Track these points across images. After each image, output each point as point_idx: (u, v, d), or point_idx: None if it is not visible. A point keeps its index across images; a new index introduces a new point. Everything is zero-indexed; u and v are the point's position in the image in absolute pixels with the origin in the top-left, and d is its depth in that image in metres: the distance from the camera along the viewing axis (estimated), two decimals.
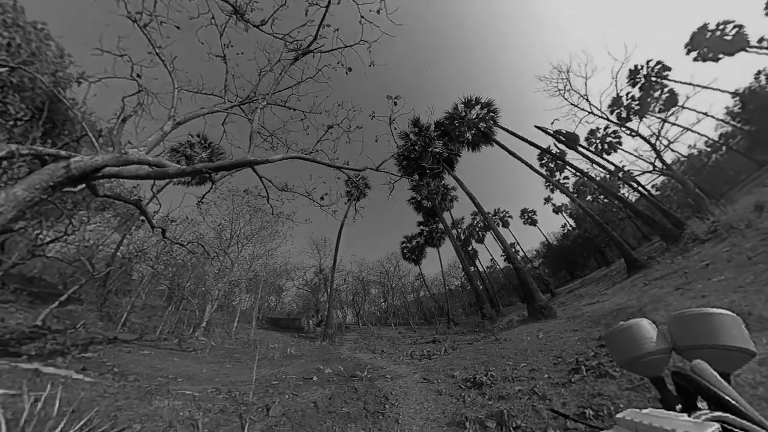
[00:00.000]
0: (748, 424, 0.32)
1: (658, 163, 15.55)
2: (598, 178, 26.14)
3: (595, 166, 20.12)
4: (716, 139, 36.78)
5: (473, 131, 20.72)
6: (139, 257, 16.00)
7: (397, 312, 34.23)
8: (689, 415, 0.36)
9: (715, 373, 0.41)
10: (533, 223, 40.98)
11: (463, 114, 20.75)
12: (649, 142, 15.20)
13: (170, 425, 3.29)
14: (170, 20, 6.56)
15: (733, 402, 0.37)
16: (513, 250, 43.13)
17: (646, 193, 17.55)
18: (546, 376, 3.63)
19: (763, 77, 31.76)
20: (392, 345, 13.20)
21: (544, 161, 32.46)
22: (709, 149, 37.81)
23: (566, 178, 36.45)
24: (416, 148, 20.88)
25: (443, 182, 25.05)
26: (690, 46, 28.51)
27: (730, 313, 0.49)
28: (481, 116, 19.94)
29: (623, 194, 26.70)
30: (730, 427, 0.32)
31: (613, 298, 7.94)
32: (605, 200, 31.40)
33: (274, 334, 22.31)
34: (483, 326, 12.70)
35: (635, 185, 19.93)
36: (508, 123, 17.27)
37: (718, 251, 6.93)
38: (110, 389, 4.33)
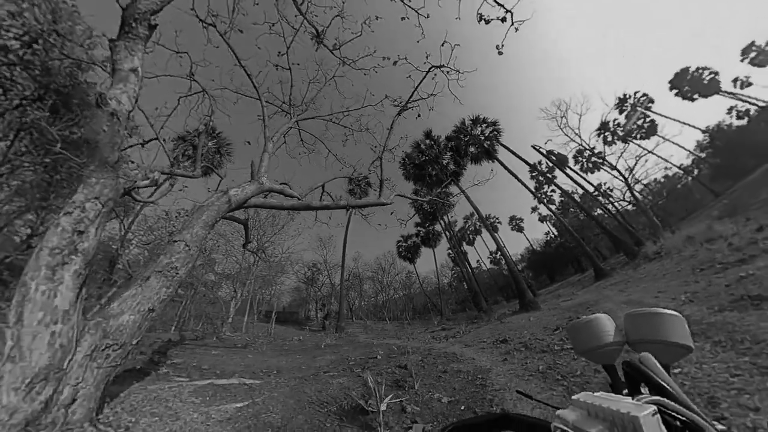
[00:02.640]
0: (679, 407, 0.40)
1: (631, 192, 19.33)
2: (579, 197, 30.26)
3: (578, 188, 23.90)
4: (689, 164, 42.00)
5: (476, 146, 23.92)
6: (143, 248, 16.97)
7: (390, 307, 37.47)
8: (633, 398, 0.43)
9: (658, 365, 0.50)
10: (520, 230, 45.35)
11: (470, 129, 23.87)
12: (623, 176, 18.97)
13: (365, 385, 4.27)
14: (236, 25, 7.54)
15: (670, 389, 0.45)
16: (499, 254, 47.21)
17: (617, 213, 21.57)
18: (541, 336, 6.79)
19: (734, 112, 37.05)
20: (408, 333, 16.31)
21: (534, 174, 36.45)
22: (683, 173, 42.95)
23: (553, 190, 40.63)
24: (426, 157, 23.92)
25: (443, 189, 28.21)
26: (672, 84, 33.00)
27: (675, 313, 0.59)
28: (486, 134, 23.15)
29: (602, 212, 30.97)
30: (664, 409, 0.40)
31: (581, 297, 11.42)
32: (584, 217, 35.66)
33: (278, 327, 23.31)
34: (480, 318, 16.05)
35: (610, 206, 24.02)
36: (504, 124, 20.29)
37: (653, 268, 10.46)
38: (285, 385, 5.35)
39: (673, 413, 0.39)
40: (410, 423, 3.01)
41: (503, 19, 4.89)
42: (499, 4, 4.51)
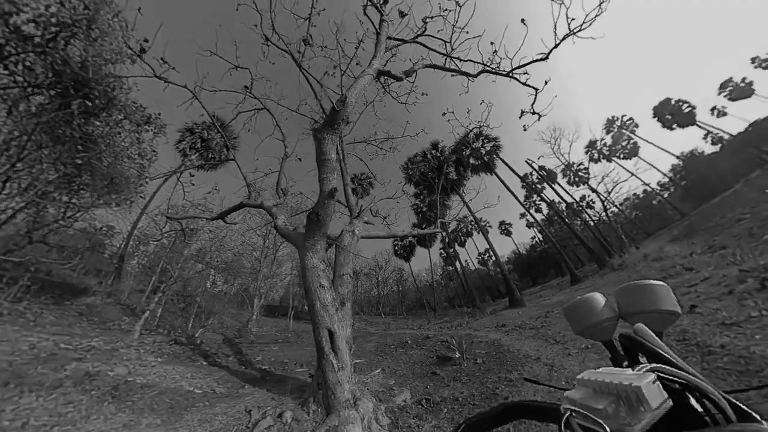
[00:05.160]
0: (676, 371, 0.43)
1: (606, 213, 23.15)
2: (565, 209, 34.21)
3: (563, 202, 27.64)
4: (666, 181, 46.85)
5: (477, 158, 27.09)
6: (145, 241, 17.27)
7: (383, 303, 40.73)
8: (633, 369, 0.46)
9: (652, 333, 0.53)
10: (509, 234, 49.43)
11: (472, 142, 27.01)
12: (601, 199, 22.70)
13: (431, 350, 8.20)
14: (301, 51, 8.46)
15: (666, 355, 0.48)
16: (487, 255, 51.16)
17: (594, 227, 25.47)
18: (528, 321, 10.03)
19: (710, 138, 41.85)
20: (412, 325, 19.43)
21: (524, 185, 40.32)
22: (660, 188, 47.52)
23: (542, 200, 44.73)
24: (432, 166, 26.97)
25: (444, 196, 31.35)
26: (655, 112, 37.33)
27: (661, 282, 0.64)
28: (487, 149, 26.37)
29: (582, 223, 35.12)
30: (663, 375, 0.43)
31: (557, 297, 14.89)
32: (566, 228, 39.98)
33: (282, 322, 23.77)
34: (474, 312, 19.42)
35: (591, 219, 27.91)
36: (499, 131, 22.99)
37: (613, 278, 13.97)
38: (383, 359, 7.61)
39: (671, 377, 0.43)
40: (473, 362, 5.97)
41: (533, 112, 7.72)
42: (534, 110, 7.41)
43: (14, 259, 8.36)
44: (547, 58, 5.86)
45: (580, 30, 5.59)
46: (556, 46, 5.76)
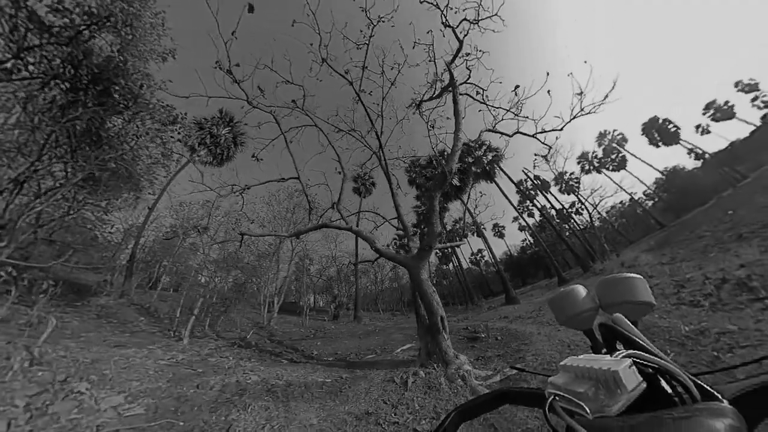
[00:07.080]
0: (650, 356, 0.48)
1: (591, 224, 26.37)
2: (555, 214, 37.44)
3: (554, 208, 30.78)
4: (651, 192, 50.73)
5: (478, 167, 29.78)
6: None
7: (382, 299, 43.42)
8: (611, 355, 0.50)
9: (629, 322, 0.58)
10: (502, 236, 52.81)
11: (474, 151, 29.67)
12: (588, 211, 25.86)
13: (458, 334, 11.35)
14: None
15: (641, 342, 0.53)
16: (479, 256, 54.32)
17: (581, 233, 28.75)
18: (525, 314, 12.88)
19: (693, 154, 45.82)
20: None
21: (518, 191, 43.51)
22: (645, 197, 51.12)
23: (534, 206, 48.04)
24: (437, 171, 29.50)
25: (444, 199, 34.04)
26: (643, 129, 40.90)
27: (638, 276, 0.68)
28: (489, 159, 29.12)
29: (570, 228, 38.53)
30: (638, 360, 0.47)
31: (547, 296, 17.81)
32: (555, 235, 43.38)
33: (291, 318, 23.99)
34: (474, 309, 22.28)
35: (577, 227, 31.21)
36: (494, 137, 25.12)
37: (595, 281, 16.71)
38: None
39: (645, 362, 0.47)
40: (495, 339, 8.67)
41: (544, 156, 10.23)
42: (545, 157, 9.98)
43: (40, 265, 8.01)
44: (561, 129, 8.20)
45: (590, 112, 7.76)
46: (569, 121, 8.06)
